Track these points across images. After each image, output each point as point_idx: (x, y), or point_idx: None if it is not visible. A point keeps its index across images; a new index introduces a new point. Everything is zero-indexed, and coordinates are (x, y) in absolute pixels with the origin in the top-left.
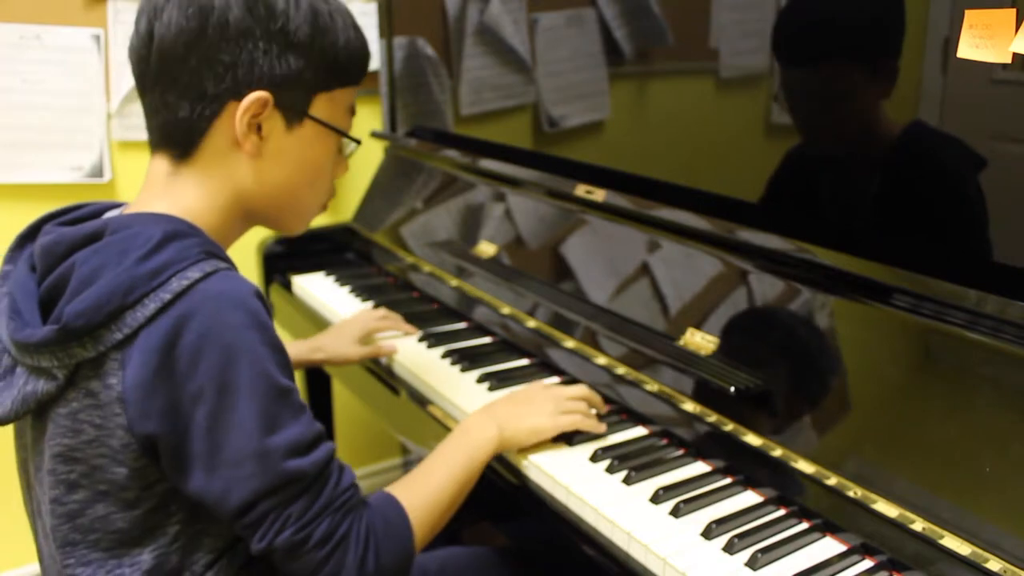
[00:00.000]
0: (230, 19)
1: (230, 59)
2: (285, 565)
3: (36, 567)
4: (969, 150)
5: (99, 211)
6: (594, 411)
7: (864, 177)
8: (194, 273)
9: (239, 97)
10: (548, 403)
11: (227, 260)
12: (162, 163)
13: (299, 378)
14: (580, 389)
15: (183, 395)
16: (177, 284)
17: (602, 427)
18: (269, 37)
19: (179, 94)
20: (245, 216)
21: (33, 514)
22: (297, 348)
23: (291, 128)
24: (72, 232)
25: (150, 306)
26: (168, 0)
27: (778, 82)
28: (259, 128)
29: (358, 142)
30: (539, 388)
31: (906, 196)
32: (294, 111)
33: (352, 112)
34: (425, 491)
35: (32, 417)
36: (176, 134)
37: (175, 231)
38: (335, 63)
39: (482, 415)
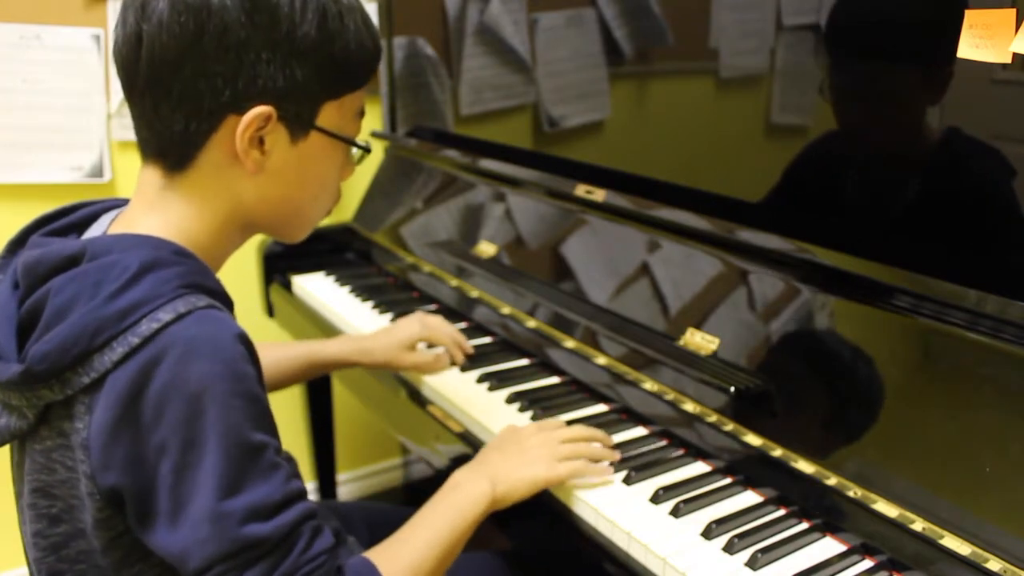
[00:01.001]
0: (228, 24)
1: (229, 70)
2: None
3: None
4: (984, 152)
5: (94, 214)
6: (598, 446)
7: (864, 177)
8: (166, 315)
9: (240, 111)
10: (544, 449)
11: (214, 291)
12: (154, 174)
13: None
14: (579, 430)
15: (148, 447)
16: (147, 327)
17: (609, 472)
18: (272, 45)
19: (173, 106)
20: (244, 229)
21: (22, 529)
22: (341, 346)
23: (296, 141)
24: (53, 253)
25: (118, 350)
26: None
27: (828, 79)
28: (261, 141)
29: (368, 150)
30: (532, 431)
31: (907, 196)
32: (299, 123)
33: (361, 114)
34: (409, 555)
35: (17, 444)
36: (169, 148)
37: (154, 261)
38: (345, 69)
39: (473, 469)
